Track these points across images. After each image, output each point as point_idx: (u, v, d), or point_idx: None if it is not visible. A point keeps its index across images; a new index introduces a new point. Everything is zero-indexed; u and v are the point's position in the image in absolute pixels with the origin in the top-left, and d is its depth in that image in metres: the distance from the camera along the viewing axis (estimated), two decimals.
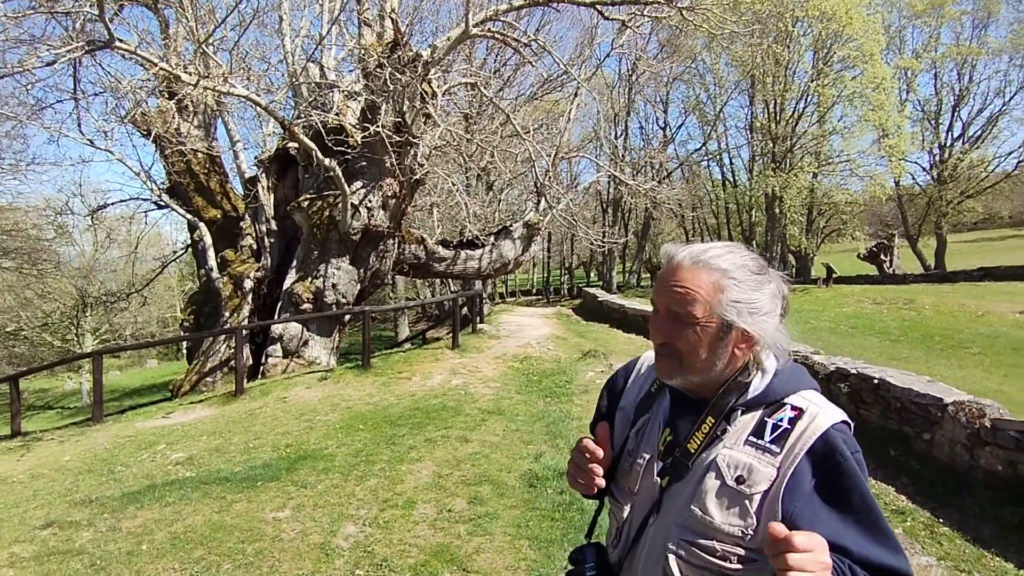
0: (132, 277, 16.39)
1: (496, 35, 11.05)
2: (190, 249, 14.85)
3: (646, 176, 28.79)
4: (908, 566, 0.96)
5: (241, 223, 11.83)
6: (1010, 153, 32.43)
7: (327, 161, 9.36)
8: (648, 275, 37.57)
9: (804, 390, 1.04)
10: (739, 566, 0.97)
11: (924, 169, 32.64)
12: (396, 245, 11.75)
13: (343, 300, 10.67)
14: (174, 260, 16.35)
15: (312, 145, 9.04)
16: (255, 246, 11.62)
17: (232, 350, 10.85)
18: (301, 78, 11.01)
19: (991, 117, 30.92)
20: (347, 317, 11.61)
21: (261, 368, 10.25)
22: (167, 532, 3.62)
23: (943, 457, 5.70)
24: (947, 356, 11.29)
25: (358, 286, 11.06)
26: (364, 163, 10.53)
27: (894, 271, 25.28)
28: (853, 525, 0.95)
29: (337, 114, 10.64)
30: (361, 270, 11.03)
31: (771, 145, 27.11)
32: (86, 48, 5.89)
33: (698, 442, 1.04)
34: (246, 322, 10.82)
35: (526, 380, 8.18)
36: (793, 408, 1.01)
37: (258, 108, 11.44)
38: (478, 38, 12.88)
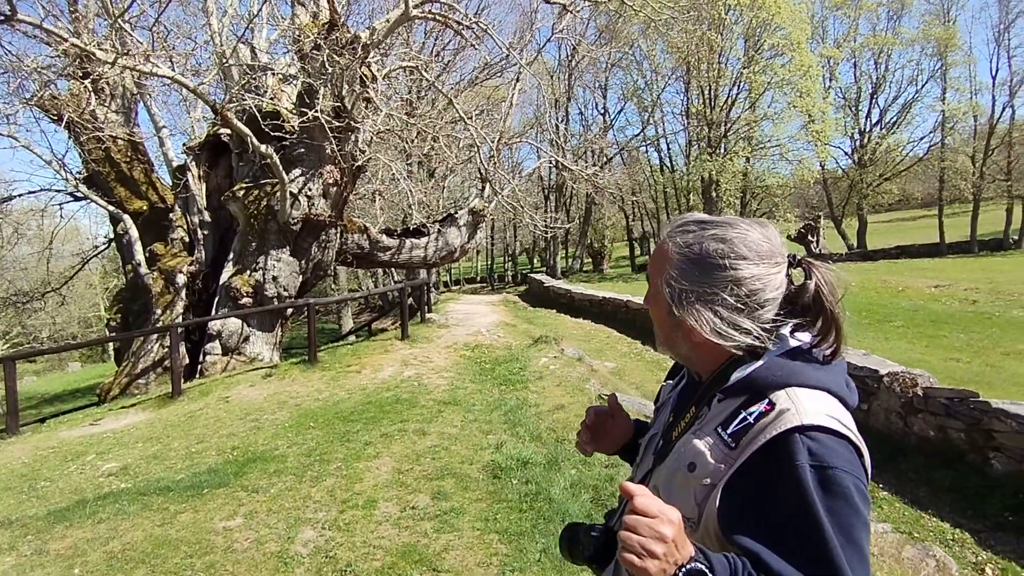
0: (47, 275, 15.12)
1: (437, 17, 10.76)
2: (113, 243, 13.86)
3: (587, 162, 29.05)
4: None
5: (170, 215, 11.11)
6: (922, 138, 34.72)
7: (263, 148, 8.88)
8: (590, 260, 38.11)
9: (797, 386, 0.90)
10: None
11: (846, 153, 34.51)
12: (338, 235, 11.35)
13: (285, 293, 10.23)
14: (96, 255, 15.23)
15: (247, 130, 8.55)
16: (187, 239, 10.96)
17: (166, 349, 10.23)
18: (231, 60, 10.38)
19: (905, 104, 32.93)
20: (290, 311, 11.15)
21: (199, 367, 9.72)
22: (102, 552, 3.33)
23: (879, 426, 6.01)
24: (874, 330, 11.95)
25: (300, 278, 10.63)
26: (303, 149, 10.07)
27: (820, 251, 26.68)
28: (779, 541, 0.82)
29: (272, 98, 10.11)
30: (302, 261, 10.60)
31: (707, 131, 27.91)
32: None
33: (682, 426, 1.01)
34: (180, 319, 10.22)
35: (479, 369, 8.09)
36: (768, 403, 0.89)
37: (185, 91, 10.76)
38: (417, 20, 12.52)
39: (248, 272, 10.11)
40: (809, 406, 0.87)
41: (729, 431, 0.90)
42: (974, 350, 9.48)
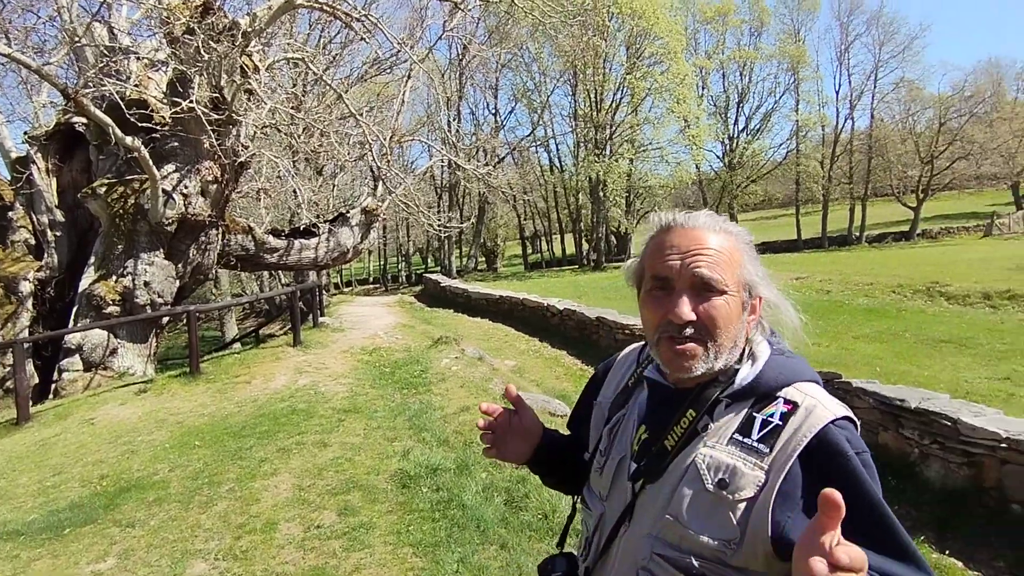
0: None
1: (325, 7, 10.25)
2: None
3: (479, 162, 29.19)
4: None
5: (10, 213, 9.70)
6: (780, 145, 38.63)
7: (129, 140, 8.00)
8: (484, 259, 38.35)
9: (801, 382, 0.89)
10: None
11: (718, 157, 37.49)
12: (220, 236, 10.52)
13: (159, 300, 9.31)
14: None
15: (107, 120, 7.66)
16: (33, 240, 9.64)
17: (8, 368, 8.94)
18: (84, 39, 9.22)
19: (766, 113, 36.42)
20: (166, 319, 10.16)
21: (53, 386, 8.58)
22: None
23: None
24: None
25: (177, 283, 9.72)
26: (176, 143, 9.22)
27: None
28: (862, 540, 0.73)
29: (137, 85, 9.14)
30: (179, 265, 9.71)
31: (593, 133, 29.06)
32: None
33: (675, 439, 0.91)
34: (26, 332, 8.98)
35: (379, 373, 7.84)
36: (786, 402, 0.86)
37: (26, 72, 9.43)
38: (303, 8, 11.88)
39: (114, 278, 9.08)
40: (825, 399, 0.86)
41: (755, 437, 0.85)
42: (831, 335, 10.59)
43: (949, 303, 12.77)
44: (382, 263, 42.17)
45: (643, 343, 1.10)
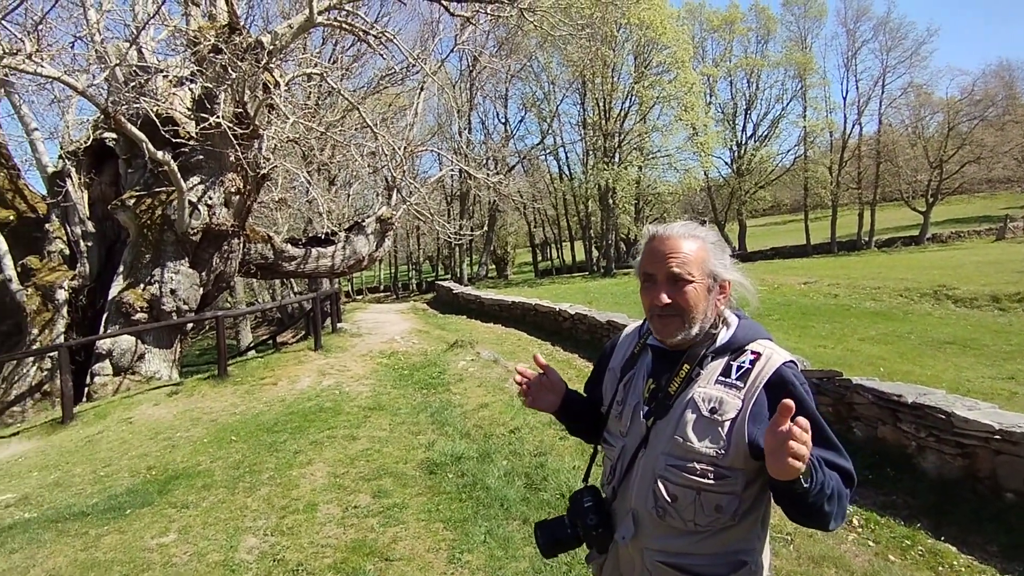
0: None
1: (343, 24, 10.69)
2: None
3: (490, 170, 29.59)
4: (851, 467, 1.21)
5: (46, 225, 10.16)
6: (788, 151, 38.71)
7: (160, 154, 8.43)
8: (494, 266, 38.68)
9: (760, 339, 1.28)
10: (713, 481, 1.20)
11: (727, 163, 37.64)
12: (241, 244, 10.92)
13: (184, 307, 9.71)
14: None
15: (141, 135, 8.09)
16: (68, 251, 10.07)
17: (45, 372, 9.36)
18: (114, 58, 9.68)
19: (773, 120, 36.54)
20: (189, 326, 10.56)
21: (86, 390, 8.97)
22: None
23: None
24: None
25: (200, 290, 10.12)
26: (202, 156, 9.64)
27: None
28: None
29: (165, 102, 9.58)
30: (203, 273, 10.10)
31: (602, 141, 29.37)
32: None
33: (677, 385, 1.28)
34: (62, 338, 9.40)
35: (398, 375, 8.16)
36: (752, 352, 1.25)
37: (58, 92, 9.90)
38: (319, 26, 12.32)
39: (142, 286, 9.50)
40: (778, 350, 1.25)
41: (733, 377, 1.23)
42: (837, 337, 10.80)
43: (956, 306, 12.91)
44: (393, 271, 42.59)
45: (641, 322, 1.50)
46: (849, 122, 34.86)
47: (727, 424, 1.20)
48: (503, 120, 34.99)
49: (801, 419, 1.02)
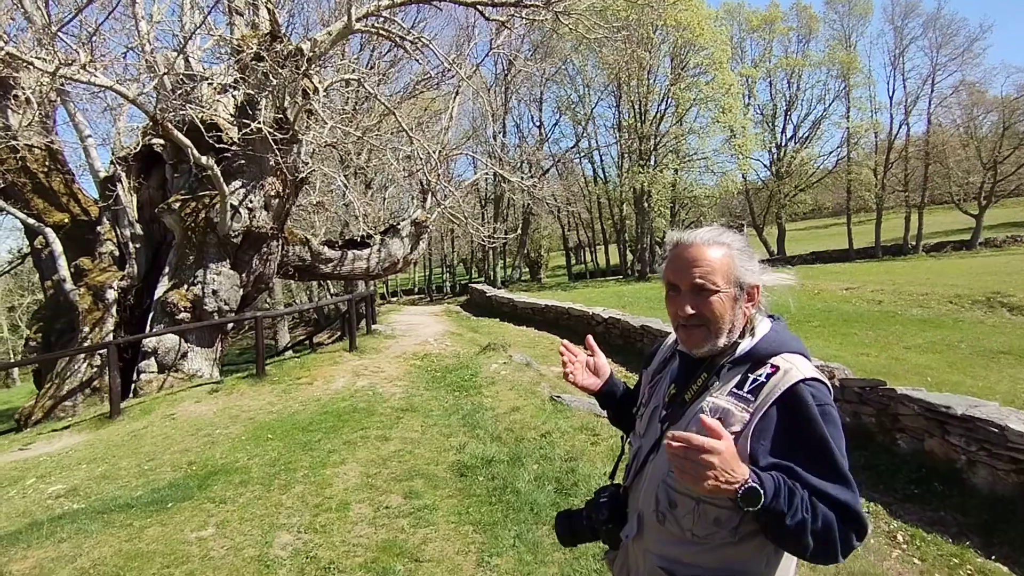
0: None
1: (380, 31, 10.86)
2: (28, 259, 12.96)
3: (524, 173, 29.64)
4: (856, 503, 1.11)
5: (98, 227, 10.61)
6: (830, 152, 37.58)
7: (204, 159, 8.70)
8: (528, 269, 38.68)
9: (788, 352, 1.22)
10: None
11: (765, 166, 36.85)
12: (280, 247, 11.19)
13: (225, 307, 9.99)
14: (9, 271, 14.22)
15: (187, 141, 8.37)
16: (117, 252, 10.49)
17: (95, 369, 9.75)
18: (162, 67, 10.06)
19: (815, 121, 35.59)
20: (230, 325, 10.85)
21: (132, 386, 9.32)
22: (72, 569, 3.27)
23: None
24: (794, 329, 12.40)
25: (241, 291, 10.40)
26: (243, 161, 9.91)
27: None
28: (803, 456, 1.12)
29: (209, 108, 9.90)
30: (243, 274, 10.38)
31: (637, 143, 29.10)
32: None
33: (692, 393, 1.28)
34: (111, 336, 9.77)
35: (431, 377, 8.22)
36: (772, 366, 1.20)
37: (110, 100, 10.34)
38: (357, 33, 12.55)
39: (186, 286, 9.81)
40: (802, 365, 1.19)
41: (746, 390, 1.19)
42: (881, 345, 10.43)
43: (1012, 314, 12.34)
44: (427, 274, 43.04)
45: None
46: (896, 122, 33.75)
47: (730, 436, 1.15)
48: (538, 123, 35.06)
49: (709, 441, 1.03)
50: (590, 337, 1.53)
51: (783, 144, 35.86)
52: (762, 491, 1.06)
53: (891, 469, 5.24)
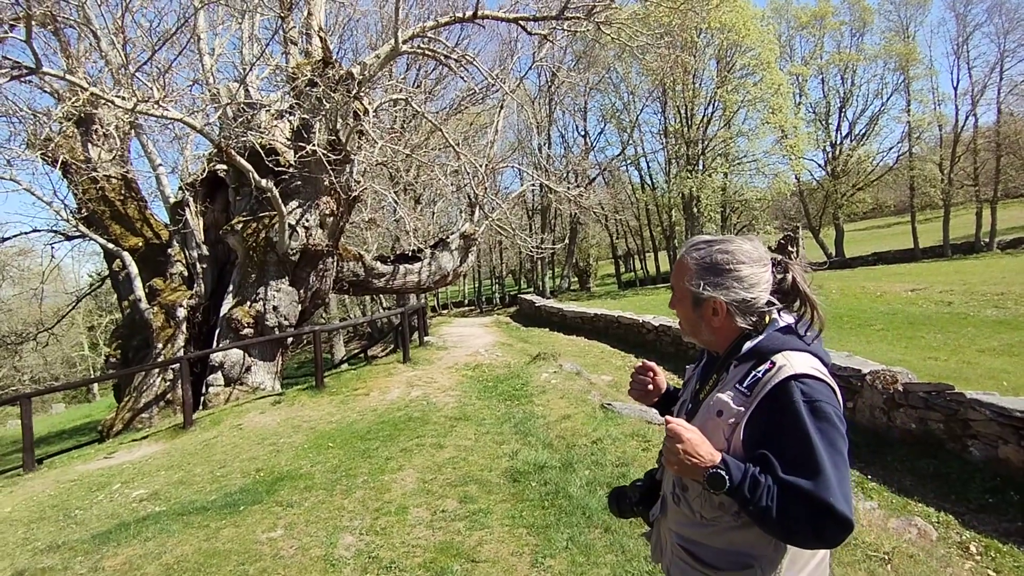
0: (39, 314, 15.20)
1: (426, 51, 11.23)
2: (107, 281, 13.93)
3: (571, 183, 29.68)
4: (827, 495, 1.11)
5: (169, 250, 11.33)
6: (890, 148, 36.00)
7: (264, 182, 9.19)
8: (576, 279, 38.56)
9: (788, 350, 1.29)
10: None
11: (820, 165, 35.63)
12: (335, 263, 11.62)
13: (285, 322, 10.45)
14: (90, 293, 15.30)
15: (248, 166, 8.87)
16: (186, 273, 11.16)
17: (168, 383, 10.37)
18: (225, 97, 10.72)
19: (872, 116, 34.19)
20: (289, 340, 11.33)
21: (202, 398, 9.87)
22: (158, 565, 3.54)
23: (864, 421, 6.37)
24: (855, 333, 12.41)
25: (299, 307, 10.86)
26: (299, 182, 10.39)
27: (800, 261, 27.40)
28: (778, 448, 1.19)
29: (268, 134, 10.45)
30: (301, 290, 10.84)
31: (685, 148, 28.72)
32: (12, 74, 5.54)
33: (707, 389, 1.40)
34: (181, 352, 10.37)
35: (483, 387, 8.36)
36: (771, 363, 1.27)
37: (178, 130, 11.04)
38: (404, 54, 13.00)
39: (248, 303, 10.32)
40: (798, 361, 1.25)
41: (744, 385, 1.28)
42: (951, 348, 9.94)
43: None
44: (476, 285, 43.50)
45: None
46: (962, 113, 32.02)
47: (728, 427, 1.28)
48: (583, 133, 35.09)
49: (674, 429, 1.23)
50: (648, 362, 1.68)
51: (838, 142, 34.61)
52: (727, 477, 1.18)
53: (963, 478, 5.01)
